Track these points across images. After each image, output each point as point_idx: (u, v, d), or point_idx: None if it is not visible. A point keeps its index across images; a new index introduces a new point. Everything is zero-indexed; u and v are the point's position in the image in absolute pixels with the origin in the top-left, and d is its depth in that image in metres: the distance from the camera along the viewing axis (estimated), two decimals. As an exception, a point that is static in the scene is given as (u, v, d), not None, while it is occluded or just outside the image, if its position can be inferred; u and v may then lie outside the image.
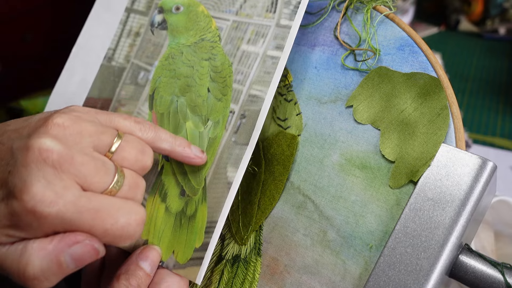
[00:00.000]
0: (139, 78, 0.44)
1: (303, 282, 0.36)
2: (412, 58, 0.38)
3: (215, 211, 0.37)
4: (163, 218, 0.39)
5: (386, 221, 0.35)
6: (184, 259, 0.37)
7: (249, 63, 0.40)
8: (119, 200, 0.30)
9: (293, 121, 0.41)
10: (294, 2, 0.40)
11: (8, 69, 0.77)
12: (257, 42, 0.40)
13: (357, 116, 0.38)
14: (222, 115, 0.40)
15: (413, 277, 0.32)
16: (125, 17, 0.47)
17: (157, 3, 0.46)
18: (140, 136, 0.34)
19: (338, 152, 0.38)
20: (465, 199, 0.32)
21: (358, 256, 0.35)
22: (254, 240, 0.39)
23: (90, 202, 0.28)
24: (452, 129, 0.35)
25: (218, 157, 0.39)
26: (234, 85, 0.40)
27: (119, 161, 0.32)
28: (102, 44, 0.47)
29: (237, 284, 0.39)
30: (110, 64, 0.46)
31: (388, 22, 0.39)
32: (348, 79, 0.39)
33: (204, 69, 0.41)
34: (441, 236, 0.32)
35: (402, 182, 0.35)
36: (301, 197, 0.39)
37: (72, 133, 0.30)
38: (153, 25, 0.45)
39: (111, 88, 0.45)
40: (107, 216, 0.28)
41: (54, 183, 0.27)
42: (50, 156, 0.28)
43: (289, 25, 0.39)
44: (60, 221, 0.27)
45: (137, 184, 0.32)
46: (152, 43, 0.45)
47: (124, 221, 0.29)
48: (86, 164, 0.29)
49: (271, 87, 0.38)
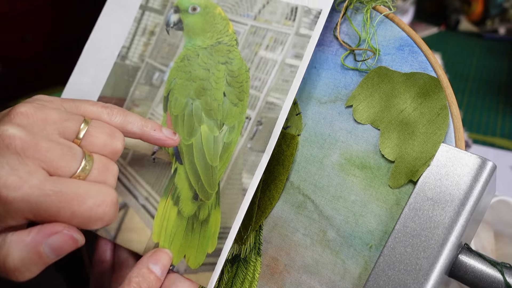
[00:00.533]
0: (153, 79, 0.44)
1: (303, 281, 0.37)
2: (411, 58, 0.38)
3: (228, 217, 0.37)
4: (175, 222, 0.39)
5: (385, 220, 0.35)
6: (196, 264, 0.37)
7: (267, 69, 0.40)
8: (87, 183, 0.30)
9: (293, 121, 0.41)
10: (314, 12, 0.39)
11: (8, 69, 0.77)
12: (276, 49, 0.40)
13: (357, 116, 0.38)
14: (238, 121, 0.39)
15: (412, 277, 0.32)
16: (139, 15, 0.46)
17: (173, 2, 0.45)
18: (107, 121, 0.34)
19: (338, 152, 0.38)
20: (464, 198, 0.32)
21: (358, 255, 0.35)
22: (254, 240, 0.39)
23: (56, 185, 0.28)
24: (452, 129, 0.35)
25: (233, 163, 0.38)
26: (251, 91, 0.40)
27: (87, 147, 0.31)
28: (116, 41, 0.46)
29: (237, 284, 0.39)
30: (124, 63, 0.45)
31: (388, 22, 0.39)
32: (348, 79, 0.39)
33: (221, 73, 0.41)
34: (440, 235, 0.32)
35: (401, 182, 0.35)
36: (301, 196, 0.39)
37: (36, 120, 0.30)
38: (168, 25, 0.44)
39: (124, 88, 0.44)
40: (74, 198, 0.28)
41: (18, 169, 0.27)
42: (13, 142, 0.28)
43: (308, 34, 0.39)
44: (27, 205, 0.27)
45: (107, 168, 0.32)
46: (167, 43, 0.44)
47: (92, 202, 0.29)
48: (51, 150, 0.29)
49: (289, 96, 0.38)
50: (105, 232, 0.41)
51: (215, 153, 0.39)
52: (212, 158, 0.39)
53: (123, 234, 0.40)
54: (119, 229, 0.40)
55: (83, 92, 0.45)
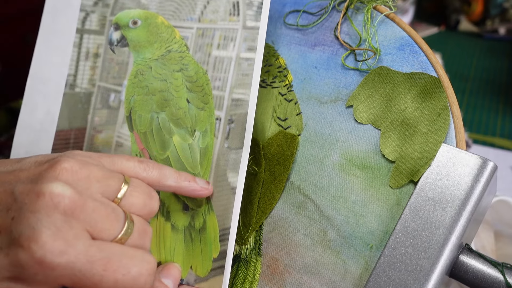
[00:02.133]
0: (110, 101, 0.42)
1: (304, 282, 0.36)
2: (412, 58, 0.38)
3: (225, 218, 0.37)
4: (171, 237, 0.38)
5: (386, 221, 0.35)
6: (204, 272, 0.37)
7: (224, 68, 0.40)
8: (130, 249, 0.28)
9: (293, 121, 0.41)
10: (256, 3, 0.40)
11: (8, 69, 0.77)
12: (228, 47, 0.40)
13: (358, 116, 0.38)
14: (208, 124, 0.39)
15: (413, 277, 0.32)
16: (78, 39, 0.44)
17: (110, 20, 0.43)
18: (145, 177, 0.33)
19: (339, 152, 0.38)
20: (465, 199, 0.32)
21: (358, 256, 0.35)
22: (254, 240, 0.39)
23: (101, 251, 0.27)
24: (453, 129, 0.35)
25: (214, 165, 0.38)
26: (215, 92, 0.40)
27: (127, 207, 0.30)
28: (59, 71, 0.43)
29: (238, 284, 0.39)
30: (74, 92, 0.43)
31: (389, 22, 0.39)
32: (349, 79, 0.39)
33: (178, 81, 0.40)
34: (441, 236, 0.32)
35: (402, 182, 0.35)
36: (301, 197, 0.39)
37: (81, 178, 0.28)
38: (112, 44, 0.43)
39: (81, 116, 0.43)
40: (119, 266, 0.27)
41: (64, 231, 0.26)
42: (62, 201, 0.26)
43: (256, 26, 0.39)
44: (69, 272, 0.26)
45: (146, 231, 0.31)
46: (115, 62, 0.43)
47: (136, 270, 0.27)
48: (97, 211, 0.27)
49: (253, 88, 0.38)
50: None
51: (194, 160, 0.39)
52: (193, 166, 0.39)
53: None
54: None
55: (36, 130, 0.43)
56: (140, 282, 0.28)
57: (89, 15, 0.44)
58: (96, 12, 0.44)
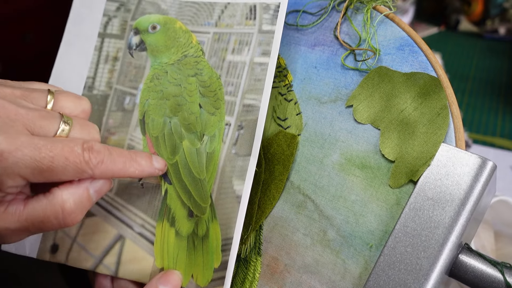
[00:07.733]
0: (125, 104, 0.43)
1: (303, 281, 0.37)
2: (412, 58, 0.38)
3: (228, 228, 0.37)
4: (175, 243, 0.38)
5: (386, 220, 0.35)
6: (205, 282, 0.37)
7: (238, 73, 0.40)
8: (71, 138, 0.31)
9: (293, 121, 0.41)
10: (273, 7, 0.40)
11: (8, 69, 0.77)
12: (242, 51, 0.40)
13: (357, 116, 0.38)
14: (217, 129, 0.39)
15: (413, 277, 0.32)
16: (99, 43, 0.45)
17: (131, 25, 0.44)
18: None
19: (338, 152, 0.38)
20: (465, 198, 0.32)
21: (358, 255, 0.35)
22: (254, 240, 0.39)
23: (44, 140, 0.29)
24: (452, 129, 0.35)
25: (220, 171, 0.38)
26: (226, 97, 0.40)
27: (59, 110, 0.33)
28: (79, 73, 0.45)
29: (238, 284, 0.39)
30: (91, 93, 0.44)
31: (388, 22, 0.39)
32: (348, 79, 0.39)
33: (192, 86, 0.40)
34: (441, 235, 0.32)
35: (402, 181, 0.35)
36: (301, 196, 0.39)
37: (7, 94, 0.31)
38: (130, 48, 0.44)
39: (96, 118, 0.43)
40: (64, 145, 0.30)
41: (6, 129, 0.29)
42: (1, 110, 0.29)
43: (271, 30, 0.39)
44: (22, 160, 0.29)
45: (87, 124, 0.33)
46: (133, 66, 0.44)
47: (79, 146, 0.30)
48: (31, 113, 0.30)
49: (265, 94, 0.38)
50: (105, 268, 0.40)
51: (200, 165, 0.39)
52: (199, 171, 0.39)
53: (125, 266, 0.39)
54: (119, 263, 0.39)
55: None
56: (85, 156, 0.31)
57: (111, 19, 0.45)
58: (118, 17, 0.45)
